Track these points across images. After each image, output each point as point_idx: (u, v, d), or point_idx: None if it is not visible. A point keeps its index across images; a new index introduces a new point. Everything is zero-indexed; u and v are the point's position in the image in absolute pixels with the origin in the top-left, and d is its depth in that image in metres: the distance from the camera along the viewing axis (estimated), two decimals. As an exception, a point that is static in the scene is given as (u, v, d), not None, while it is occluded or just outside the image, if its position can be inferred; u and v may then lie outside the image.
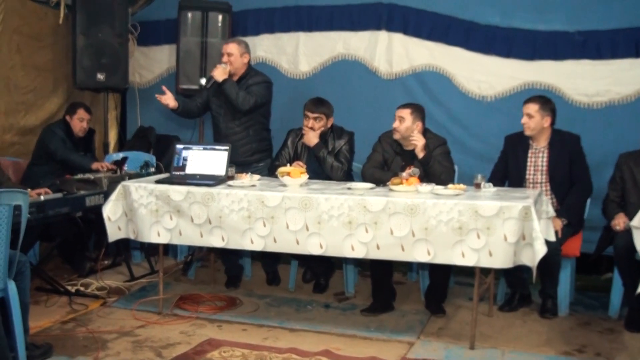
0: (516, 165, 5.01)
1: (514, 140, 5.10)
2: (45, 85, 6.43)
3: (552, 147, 4.94)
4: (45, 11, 6.37)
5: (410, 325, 4.62)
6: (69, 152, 5.75)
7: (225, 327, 4.53)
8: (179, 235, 4.54)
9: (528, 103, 4.93)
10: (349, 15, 6.26)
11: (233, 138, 5.36)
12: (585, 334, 4.53)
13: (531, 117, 4.88)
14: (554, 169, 4.90)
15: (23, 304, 3.68)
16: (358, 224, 4.17)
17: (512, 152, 5.08)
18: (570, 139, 4.98)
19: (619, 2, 5.55)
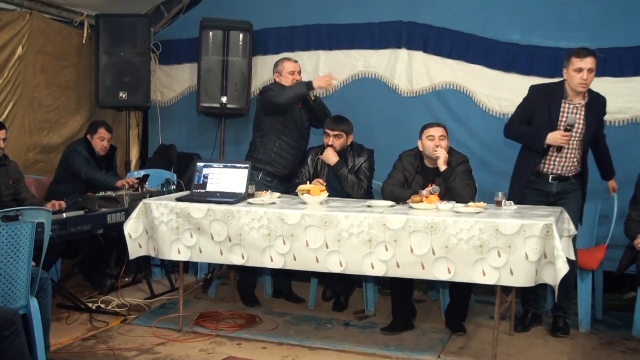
0: (547, 116, 4.77)
1: (546, 90, 4.88)
2: (68, 103, 6.53)
3: (589, 107, 4.77)
4: (69, 31, 6.49)
5: (431, 344, 4.59)
6: (93, 171, 5.80)
7: (244, 345, 4.53)
8: (199, 252, 4.55)
9: (587, 57, 4.64)
10: (369, 33, 6.31)
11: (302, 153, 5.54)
12: (608, 354, 4.49)
13: (592, 72, 4.66)
14: (588, 129, 4.76)
15: (44, 320, 3.72)
16: (378, 241, 4.17)
17: (542, 103, 4.83)
18: (602, 100, 4.87)
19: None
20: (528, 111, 4.89)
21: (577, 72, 4.64)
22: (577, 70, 4.64)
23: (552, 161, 4.78)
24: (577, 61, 4.64)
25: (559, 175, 4.80)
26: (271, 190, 5.00)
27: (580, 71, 4.62)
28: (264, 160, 5.43)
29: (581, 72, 4.62)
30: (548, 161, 4.79)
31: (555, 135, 4.66)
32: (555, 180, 4.81)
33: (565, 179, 4.81)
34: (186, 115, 6.90)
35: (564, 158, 4.76)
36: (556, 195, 4.81)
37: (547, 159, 4.79)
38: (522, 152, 4.96)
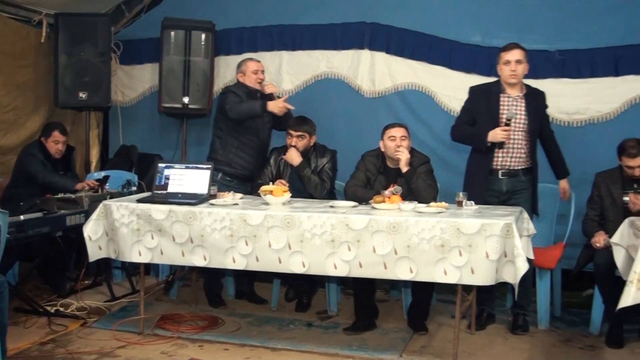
0: (488, 113, 4.88)
1: (484, 90, 5.03)
2: (26, 104, 6.41)
3: (528, 98, 4.89)
4: (27, 30, 6.39)
5: (393, 343, 4.62)
6: (50, 175, 5.71)
7: (206, 347, 4.51)
8: (160, 254, 4.52)
9: (512, 50, 4.83)
10: (332, 34, 6.32)
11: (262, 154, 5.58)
12: (566, 351, 4.56)
13: (520, 63, 4.81)
14: (531, 120, 4.85)
15: (1, 324, 3.66)
16: (340, 242, 4.18)
17: (482, 101, 4.97)
18: (541, 94, 4.99)
19: (599, 22, 5.65)
20: (470, 112, 5.04)
21: (506, 65, 4.82)
22: (506, 62, 4.82)
23: (500, 156, 4.86)
24: (504, 54, 4.84)
25: (508, 170, 4.87)
26: (230, 189, 5.00)
27: (508, 63, 4.81)
28: (223, 161, 5.43)
29: (509, 64, 4.80)
30: (495, 157, 4.87)
31: (495, 132, 4.76)
32: (505, 176, 4.88)
33: (515, 175, 4.88)
34: (147, 116, 6.85)
35: (511, 150, 4.84)
36: (507, 194, 4.88)
37: (494, 156, 4.87)
38: (473, 154, 5.04)
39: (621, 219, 4.50)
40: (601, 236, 4.72)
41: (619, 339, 4.63)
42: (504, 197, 4.88)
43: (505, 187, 4.89)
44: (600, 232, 4.76)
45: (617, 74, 5.62)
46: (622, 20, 5.62)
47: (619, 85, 5.62)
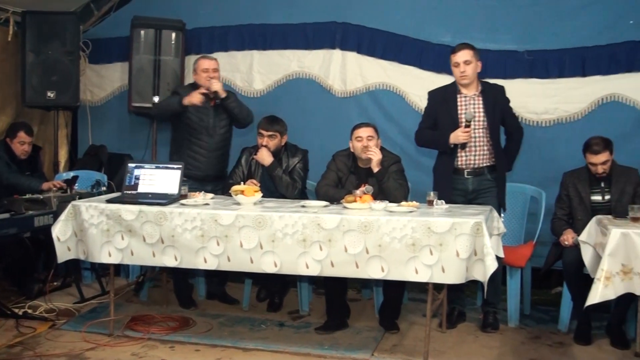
0: (447, 115, 4.93)
1: (441, 93, 5.07)
2: (-8, 103, 6.34)
3: (485, 94, 4.92)
4: (-6, 28, 6.31)
5: (364, 342, 4.63)
6: (16, 176, 5.66)
7: (177, 348, 4.49)
8: (130, 255, 4.49)
9: (459, 51, 4.86)
10: (304, 33, 6.32)
11: (217, 152, 5.51)
12: (536, 348, 4.60)
13: (469, 63, 4.84)
14: (492, 116, 4.87)
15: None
16: (312, 241, 4.19)
17: (441, 105, 5.01)
18: (499, 88, 5.02)
19: (567, 23, 5.72)
20: (431, 115, 5.09)
21: (456, 67, 4.88)
22: (455, 65, 4.88)
23: (464, 155, 4.89)
24: (453, 57, 4.91)
25: (473, 169, 4.90)
26: None
27: (457, 65, 4.85)
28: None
29: (458, 66, 4.85)
30: (460, 157, 4.90)
31: (456, 134, 4.81)
32: (471, 175, 4.91)
33: (481, 173, 4.91)
34: (117, 116, 6.79)
35: (474, 149, 4.87)
36: (473, 193, 4.91)
37: (458, 156, 4.90)
38: (439, 154, 5.08)
39: (589, 218, 4.56)
40: (569, 234, 4.78)
41: (587, 335, 4.68)
42: (470, 196, 4.92)
43: (472, 186, 4.92)
44: (568, 231, 4.82)
45: (584, 74, 5.69)
46: (588, 21, 5.69)
47: (586, 85, 5.69)
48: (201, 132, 5.46)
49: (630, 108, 5.62)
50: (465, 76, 4.86)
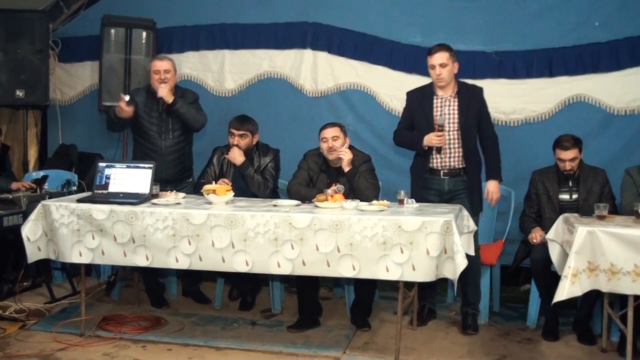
0: (423, 116, 4.93)
1: (418, 93, 5.06)
2: (-41, 103, 6.25)
3: (461, 95, 4.91)
4: (-40, 26, 6.21)
5: (336, 340, 4.65)
6: None
7: (149, 347, 4.47)
8: (101, 254, 4.46)
9: (435, 53, 4.83)
10: (275, 33, 6.30)
11: (170, 157, 5.42)
12: (505, 345, 4.64)
13: (444, 66, 4.81)
14: (465, 117, 4.86)
15: None
16: (284, 240, 4.19)
17: (417, 105, 5.01)
18: (476, 90, 4.98)
19: (533, 25, 5.77)
20: (408, 116, 5.10)
21: (432, 69, 4.86)
22: (431, 67, 4.86)
23: (439, 157, 4.90)
24: (429, 59, 4.87)
25: (449, 170, 4.91)
26: None
27: (433, 68, 4.84)
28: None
29: (434, 69, 4.83)
30: (435, 158, 4.92)
31: (430, 137, 4.81)
32: (447, 176, 4.92)
33: (457, 174, 4.92)
34: (87, 115, 6.71)
35: (449, 150, 4.88)
36: (449, 193, 4.92)
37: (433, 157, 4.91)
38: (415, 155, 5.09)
39: (557, 216, 4.61)
40: (538, 232, 4.83)
41: (555, 331, 4.75)
42: (446, 197, 4.91)
43: (447, 186, 4.93)
44: (536, 229, 4.87)
45: (551, 74, 5.75)
46: (555, 23, 5.75)
47: (553, 86, 5.75)
48: (153, 136, 5.41)
49: (595, 108, 5.69)
50: (441, 79, 4.84)
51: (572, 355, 4.46)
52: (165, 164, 5.36)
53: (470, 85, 5.04)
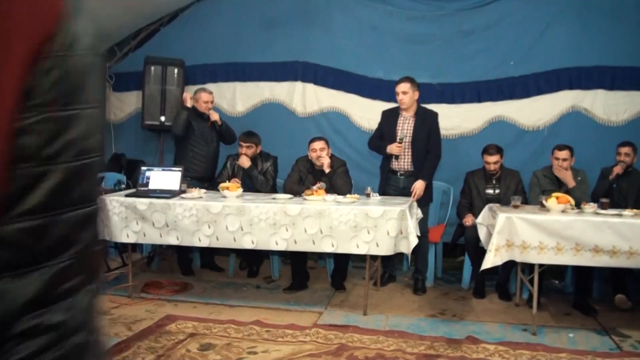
0: (389, 129, 4.93)
1: (388, 112, 5.06)
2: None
3: (418, 117, 4.90)
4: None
5: (320, 299, 4.64)
6: None
7: (180, 305, 4.44)
8: (143, 236, 4.44)
9: (400, 83, 4.86)
10: (274, 70, 6.26)
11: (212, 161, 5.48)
12: (445, 301, 4.65)
13: (406, 94, 4.83)
14: (417, 133, 4.84)
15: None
16: (280, 224, 4.17)
17: (386, 121, 5.01)
18: (432, 114, 4.96)
19: (467, 64, 5.77)
20: (380, 128, 5.08)
21: (397, 95, 4.87)
22: (397, 93, 4.88)
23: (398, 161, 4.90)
24: (396, 87, 4.92)
25: (405, 171, 4.90)
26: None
27: (398, 94, 4.86)
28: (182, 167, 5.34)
29: (399, 95, 4.85)
30: (397, 162, 4.90)
31: (391, 147, 4.82)
32: (403, 175, 4.91)
33: (410, 175, 4.89)
34: (133, 131, 6.65)
35: (404, 156, 4.87)
36: (404, 189, 4.91)
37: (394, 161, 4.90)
38: (382, 159, 5.08)
39: (484, 205, 4.62)
40: (470, 218, 4.84)
41: (482, 291, 4.76)
42: (402, 192, 4.91)
43: (402, 184, 4.92)
44: (469, 215, 4.88)
45: (480, 100, 5.75)
46: (482, 63, 5.75)
47: (481, 109, 5.75)
48: (202, 145, 5.41)
49: (511, 126, 5.70)
50: (403, 102, 4.85)
51: (494, 309, 4.47)
52: (210, 164, 5.45)
53: (428, 110, 5.01)
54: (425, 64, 5.87)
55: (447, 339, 3.73)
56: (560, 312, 4.37)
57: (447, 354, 3.49)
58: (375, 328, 3.94)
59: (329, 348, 3.55)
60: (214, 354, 3.45)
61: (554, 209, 4.08)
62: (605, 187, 4.76)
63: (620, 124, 5.49)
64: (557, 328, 4.02)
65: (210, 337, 3.72)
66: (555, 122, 5.61)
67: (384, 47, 6.00)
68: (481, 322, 4.13)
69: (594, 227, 3.79)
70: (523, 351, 3.54)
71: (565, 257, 3.84)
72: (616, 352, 3.60)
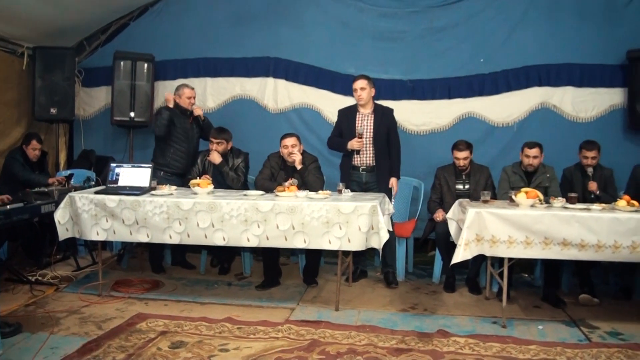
0: (348, 126, 4.94)
1: (346, 110, 5.08)
2: (11, 118, 6.08)
3: (376, 113, 4.94)
4: (12, 59, 6.06)
5: (292, 295, 4.61)
6: (29, 174, 5.46)
7: (150, 303, 4.37)
8: (113, 233, 4.35)
9: (358, 80, 4.91)
10: (245, 65, 6.21)
11: (194, 156, 5.38)
12: (417, 296, 4.66)
13: (364, 89, 4.87)
14: (378, 129, 4.87)
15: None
16: (252, 221, 4.13)
17: (344, 119, 5.03)
18: (388, 110, 5.02)
19: (437, 61, 5.81)
20: (338, 127, 5.11)
21: (355, 92, 4.92)
22: (354, 90, 4.92)
23: (359, 157, 4.91)
24: (354, 84, 4.95)
25: (366, 166, 4.91)
26: (170, 183, 4.83)
27: (356, 90, 4.90)
28: (163, 163, 5.31)
29: (356, 91, 4.90)
30: (357, 158, 4.92)
31: (352, 142, 4.86)
32: (365, 171, 4.92)
33: (372, 170, 4.91)
34: (103, 127, 6.51)
35: (365, 152, 4.89)
36: (366, 184, 4.92)
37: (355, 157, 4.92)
38: (343, 156, 5.09)
39: (454, 201, 4.62)
40: (440, 213, 4.85)
41: (452, 285, 4.79)
42: (364, 187, 4.94)
43: (365, 178, 4.94)
44: (439, 210, 4.89)
45: (450, 97, 5.78)
46: (452, 60, 5.78)
47: (452, 105, 5.78)
48: (184, 141, 5.36)
49: (481, 122, 5.74)
50: (361, 98, 4.89)
51: (465, 302, 4.49)
52: (190, 160, 5.38)
53: (384, 106, 5.06)
54: (396, 60, 5.87)
55: (418, 333, 3.74)
56: (529, 305, 4.42)
57: (418, 348, 3.49)
58: (347, 323, 3.93)
59: (301, 344, 3.53)
60: (185, 351, 3.40)
61: (523, 203, 4.11)
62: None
63: (588, 120, 5.58)
64: (527, 320, 4.07)
65: (182, 335, 3.66)
66: (525, 119, 5.67)
67: (356, 44, 5.98)
68: (452, 316, 4.15)
69: (562, 221, 3.83)
70: (493, 343, 3.57)
71: (534, 251, 3.88)
72: (585, 343, 3.66)
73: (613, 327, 3.94)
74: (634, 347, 3.55)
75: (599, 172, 4.84)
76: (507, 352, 3.45)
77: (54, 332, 3.72)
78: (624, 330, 3.89)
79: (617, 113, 5.55)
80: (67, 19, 6.00)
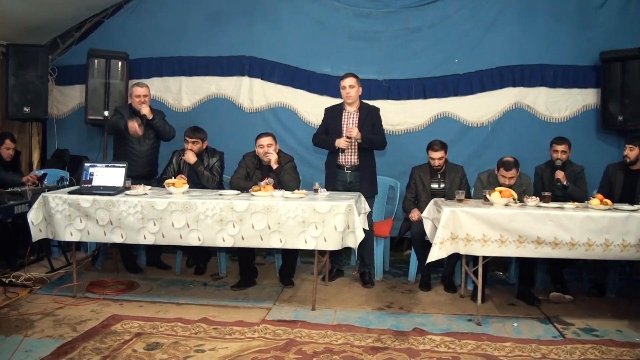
0: (335, 125, 4.93)
1: (332, 109, 5.05)
2: (-17, 116, 5.93)
3: (362, 111, 4.92)
4: (-16, 57, 5.92)
5: (269, 295, 4.58)
6: (2, 174, 5.31)
7: (125, 305, 4.30)
8: (87, 234, 4.27)
9: (346, 78, 4.88)
10: (220, 64, 6.16)
11: (146, 159, 5.25)
12: (392, 294, 4.66)
13: (353, 87, 4.85)
14: (363, 128, 4.83)
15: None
16: (227, 221, 4.09)
17: (331, 117, 5.00)
18: (374, 108, 5.00)
19: (413, 61, 5.85)
20: (324, 125, 5.06)
21: (343, 89, 4.89)
22: (343, 87, 4.89)
23: (344, 155, 4.89)
24: (341, 82, 4.93)
25: (351, 165, 4.90)
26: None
27: (344, 88, 4.87)
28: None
29: (345, 89, 4.87)
30: (343, 156, 4.90)
31: (340, 141, 4.82)
32: (349, 170, 4.91)
33: (356, 169, 4.90)
34: (77, 126, 6.40)
35: (351, 151, 4.87)
36: (350, 183, 4.91)
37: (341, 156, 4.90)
38: (328, 154, 5.06)
39: (429, 200, 4.63)
40: (416, 212, 4.86)
41: (428, 284, 4.80)
42: (348, 186, 4.91)
43: (349, 178, 4.92)
44: (415, 209, 4.90)
45: (425, 97, 5.82)
46: (427, 60, 5.83)
47: (427, 105, 5.81)
48: (135, 142, 5.22)
49: (455, 122, 5.79)
50: (350, 97, 4.86)
51: (440, 301, 4.51)
52: (142, 164, 5.21)
53: (370, 105, 5.03)
54: (372, 60, 5.88)
55: (394, 331, 3.74)
56: (504, 303, 4.45)
57: (394, 346, 3.50)
58: (323, 322, 3.92)
59: (278, 344, 3.51)
60: (161, 353, 3.36)
61: (497, 202, 4.14)
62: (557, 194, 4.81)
63: (562, 120, 5.65)
64: (502, 318, 4.10)
65: (157, 336, 3.61)
66: (499, 119, 5.73)
67: (331, 43, 5.98)
68: (427, 314, 4.16)
69: (536, 219, 3.87)
70: (468, 341, 3.59)
71: (509, 249, 3.91)
72: (559, 339, 3.70)
73: (587, 324, 3.99)
74: (608, 343, 3.60)
75: (569, 168, 4.91)
76: (483, 350, 3.47)
77: (28, 334, 3.64)
78: (597, 326, 3.95)
79: (590, 113, 5.64)
80: (40, 16, 5.89)
